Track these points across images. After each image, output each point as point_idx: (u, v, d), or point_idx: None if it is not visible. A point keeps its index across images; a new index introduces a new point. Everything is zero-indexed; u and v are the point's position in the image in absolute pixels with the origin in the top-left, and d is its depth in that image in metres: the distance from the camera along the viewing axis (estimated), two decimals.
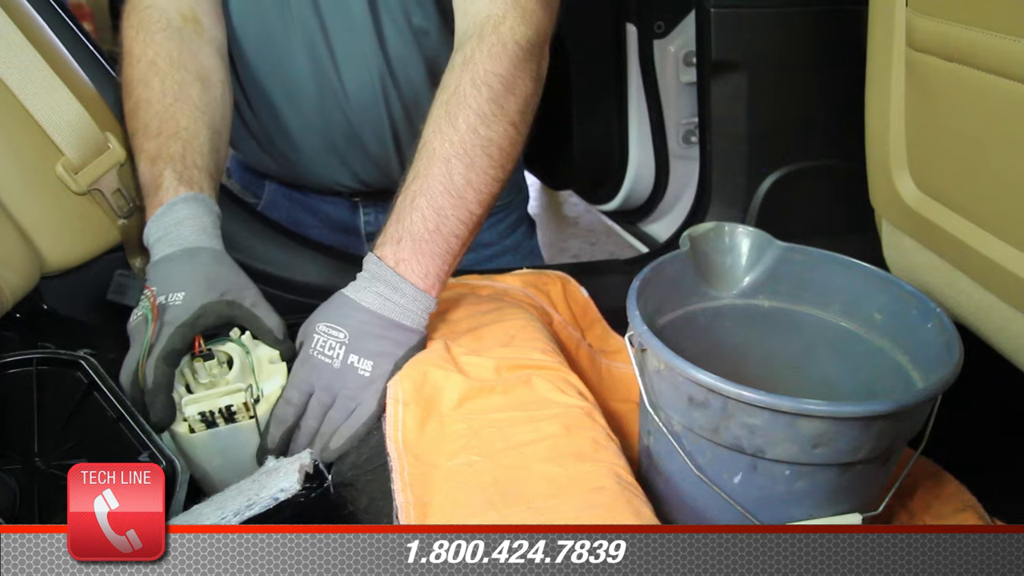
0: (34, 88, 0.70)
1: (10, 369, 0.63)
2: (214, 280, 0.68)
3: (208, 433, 0.64)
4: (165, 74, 0.75)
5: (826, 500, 0.59)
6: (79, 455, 0.62)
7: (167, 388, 0.64)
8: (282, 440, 0.66)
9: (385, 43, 0.89)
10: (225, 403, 0.63)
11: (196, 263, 0.69)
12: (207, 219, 0.72)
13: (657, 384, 0.61)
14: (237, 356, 0.67)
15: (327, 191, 1.04)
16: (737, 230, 0.74)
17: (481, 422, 0.62)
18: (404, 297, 0.67)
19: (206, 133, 0.76)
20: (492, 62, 0.69)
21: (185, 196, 0.71)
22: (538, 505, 0.53)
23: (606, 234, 2.48)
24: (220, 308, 0.67)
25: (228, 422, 0.64)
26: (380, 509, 0.58)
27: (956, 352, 0.58)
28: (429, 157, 0.69)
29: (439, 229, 0.68)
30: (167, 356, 0.64)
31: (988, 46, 0.59)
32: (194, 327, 0.65)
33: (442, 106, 0.70)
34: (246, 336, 0.69)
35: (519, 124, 0.71)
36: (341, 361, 0.66)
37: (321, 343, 0.66)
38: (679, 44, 1.43)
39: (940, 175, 0.70)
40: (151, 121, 0.74)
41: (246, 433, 0.66)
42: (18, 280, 0.68)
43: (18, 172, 0.69)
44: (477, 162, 0.69)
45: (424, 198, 0.68)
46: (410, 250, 0.67)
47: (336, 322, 0.67)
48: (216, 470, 0.67)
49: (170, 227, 0.70)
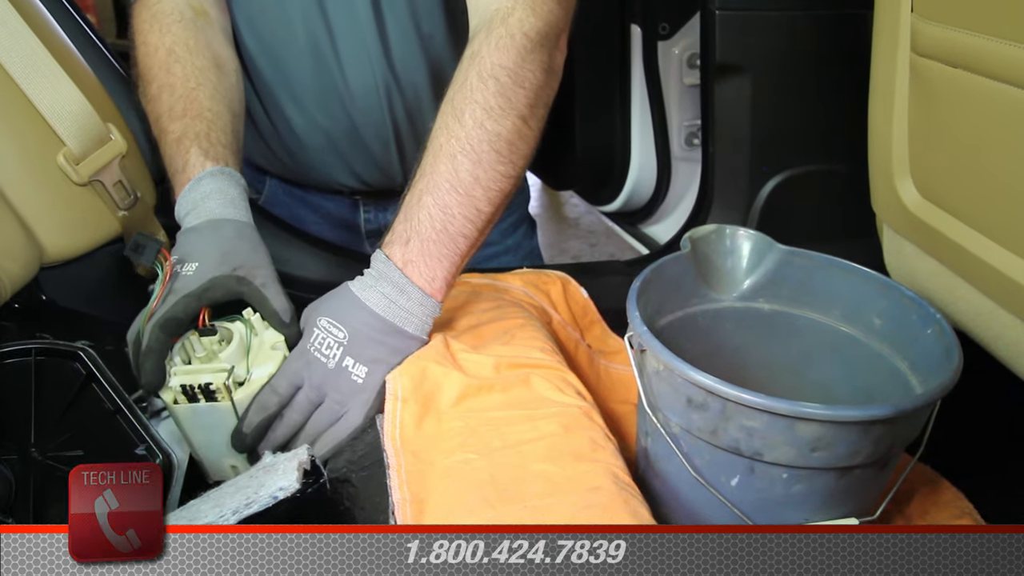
0: (36, 78, 0.70)
1: (8, 359, 0.63)
2: (229, 254, 0.67)
3: (189, 407, 0.64)
4: (185, 61, 0.76)
5: (823, 504, 0.59)
6: (76, 447, 0.62)
7: (159, 354, 0.63)
8: (259, 427, 0.65)
9: (389, 46, 0.89)
10: (205, 380, 0.63)
11: (218, 236, 0.69)
12: (234, 191, 0.72)
13: (656, 385, 0.61)
14: (238, 335, 0.67)
15: (328, 189, 1.04)
16: (738, 233, 0.74)
17: (479, 420, 0.61)
18: (410, 301, 0.66)
19: (228, 115, 0.77)
20: (499, 54, 0.68)
21: (212, 170, 0.72)
22: (535, 504, 0.53)
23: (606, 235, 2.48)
24: (229, 283, 0.66)
25: (208, 399, 0.64)
26: (376, 505, 0.58)
27: (955, 358, 0.58)
28: (435, 154, 0.67)
29: (446, 229, 0.66)
30: (165, 323, 0.64)
31: (993, 52, 0.59)
32: (200, 299, 0.65)
33: (449, 101, 0.68)
34: (256, 317, 0.68)
35: (529, 118, 0.69)
36: (336, 362, 0.65)
37: (320, 339, 0.65)
38: (683, 46, 1.43)
39: (942, 180, 0.70)
40: (175, 104, 0.74)
41: (224, 414, 0.65)
42: (17, 270, 0.67)
43: (19, 162, 0.69)
44: (484, 158, 0.67)
45: (430, 196, 0.66)
46: (418, 252, 0.66)
47: (338, 319, 0.66)
48: (199, 443, 0.67)
49: (198, 200, 0.71)
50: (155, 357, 0.63)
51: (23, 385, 0.62)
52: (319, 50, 0.89)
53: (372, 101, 0.92)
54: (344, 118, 0.94)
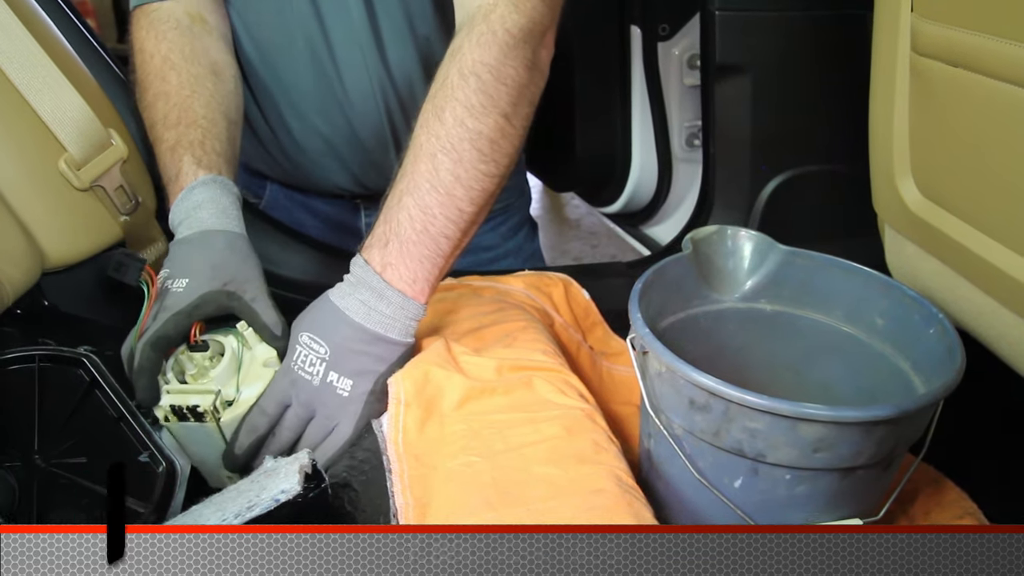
0: (38, 84, 0.70)
1: (12, 365, 0.63)
2: (220, 268, 0.67)
3: (179, 425, 0.65)
4: (180, 68, 0.76)
5: (827, 505, 0.59)
6: (79, 453, 0.62)
7: (151, 372, 0.63)
8: (250, 449, 0.65)
9: (385, 50, 0.89)
10: (193, 403, 0.63)
11: (208, 249, 0.68)
12: (226, 200, 0.72)
13: (658, 387, 0.61)
14: (230, 350, 0.67)
15: (328, 193, 1.04)
16: (740, 233, 0.74)
17: (481, 423, 0.61)
18: (390, 306, 0.65)
19: (223, 122, 0.77)
20: (480, 51, 0.66)
21: (204, 179, 0.71)
22: (537, 507, 0.53)
23: (607, 237, 2.48)
24: (220, 298, 0.66)
25: (196, 420, 0.64)
26: (378, 508, 0.58)
27: (958, 358, 0.58)
28: (416, 153, 0.66)
29: (427, 229, 0.65)
30: (156, 342, 0.64)
31: (993, 51, 0.59)
32: (191, 316, 0.65)
33: (430, 100, 0.67)
34: (250, 331, 0.68)
35: (512, 116, 0.67)
36: (320, 379, 0.64)
37: (302, 357, 0.65)
38: (683, 47, 1.44)
39: (944, 180, 0.70)
40: (170, 112, 0.74)
41: (213, 433, 0.65)
42: (19, 275, 0.67)
43: (21, 167, 0.69)
44: (465, 156, 0.65)
45: (410, 197, 0.65)
46: (397, 253, 0.65)
47: (319, 335, 0.65)
48: (194, 456, 0.68)
49: (190, 210, 0.70)
50: (148, 375, 0.63)
51: (26, 391, 0.62)
52: (316, 55, 0.89)
53: (369, 104, 0.92)
54: (343, 122, 0.94)
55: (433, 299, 0.81)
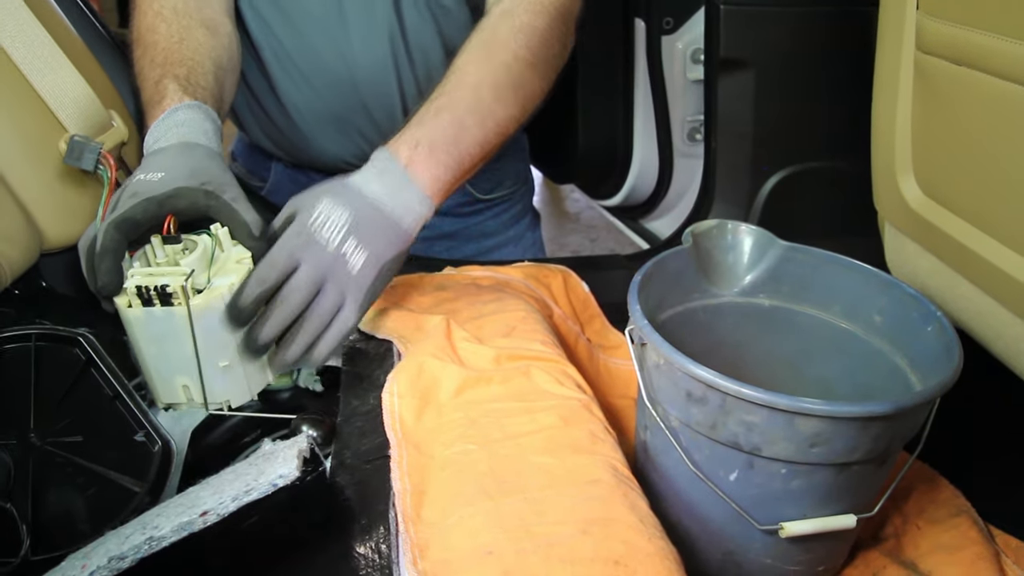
0: (39, 64, 0.69)
1: (8, 344, 0.63)
2: (199, 170, 0.64)
3: (143, 312, 0.61)
4: (171, 20, 0.76)
5: (821, 500, 0.59)
6: (75, 432, 0.62)
7: (115, 254, 0.60)
8: (257, 300, 0.62)
9: (403, 17, 0.89)
10: (163, 282, 0.60)
11: (188, 155, 0.65)
12: (208, 124, 0.70)
13: (656, 379, 0.61)
14: (202, 246, 0.63)
15: (333, 169, 1.04)
16: (740, 228, 0.74)
17: (479, 412, 0.61)
18: (412, 196, 0.68)
19: (210, 65, 0.75)
20: (531, 16, 0.74)
21: (188, 103, 0.69)
22: (533, 495, 0.53)
23: (607, 230, 2.48)
24: (196, 195, 0.62)
25: (163, 303, 0.60)
26: (376, 492, 0.58)
27: (955, 356, 0.58)
28: (459, 79, 0.72)
29: (457, 143, 0.70)
30: (121, 223, 0.60)
31: (998, 50, 0.59)
32: (162, 205, 0.61)
33: (479, 42, 0.74)
34: (224, 232, 0.65)
35: (544, 79, 0.75)
36: (336, 247, 0.63)
37: (321, 219, 0.63)
38: (687, 41, 1.43)
39: (945, 179, 0.70)
40: (156, 56, 0.73)
41: (179, 322, 0.61)
42: (18, 256, 0.67)
43: (21, 148, 0.69)
44: (504, 95, 0.72)
45: (449, 113, 0.70)
46: (425, 155, 0.69)
47: (342, 201, 0.64)
48: (151, 356, 0.64)
49: (169, 128, 0.68)
50: (111, 257, 0.60)
51: (22, 371, 0.62)
52: (329, 20, 0.88)
53: (381, 71, 0.92)
54: (351, 89, 0.93)
55: (433, 287, 0.82)
